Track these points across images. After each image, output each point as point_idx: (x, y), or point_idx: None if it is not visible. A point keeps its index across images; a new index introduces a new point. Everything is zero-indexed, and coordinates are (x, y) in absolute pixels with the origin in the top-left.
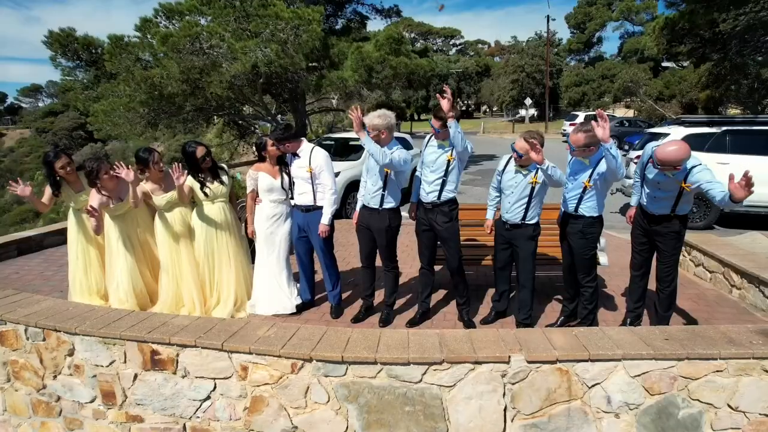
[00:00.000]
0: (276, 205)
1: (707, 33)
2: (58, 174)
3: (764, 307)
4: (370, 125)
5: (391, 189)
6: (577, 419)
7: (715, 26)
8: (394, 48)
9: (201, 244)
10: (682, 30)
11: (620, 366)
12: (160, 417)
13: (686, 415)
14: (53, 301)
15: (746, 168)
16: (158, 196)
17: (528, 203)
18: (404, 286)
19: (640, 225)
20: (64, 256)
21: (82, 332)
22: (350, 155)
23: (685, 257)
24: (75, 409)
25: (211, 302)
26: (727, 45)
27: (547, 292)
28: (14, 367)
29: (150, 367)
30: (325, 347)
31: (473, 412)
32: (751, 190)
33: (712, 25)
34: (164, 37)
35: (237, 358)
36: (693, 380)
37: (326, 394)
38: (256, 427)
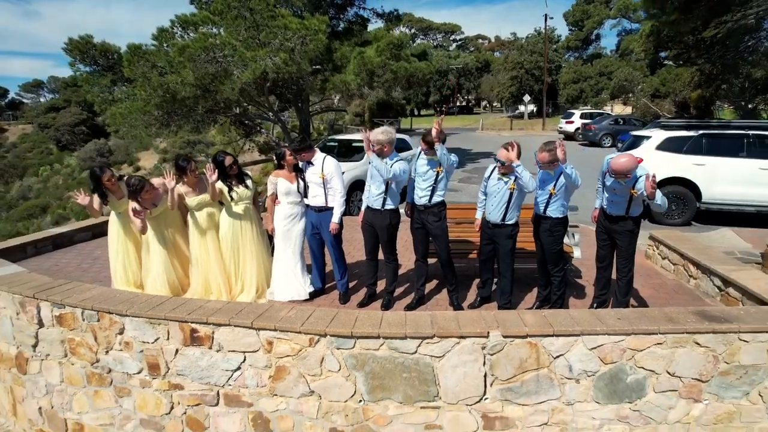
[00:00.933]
0: (292, 206)
1: (691, 39)
2: (105, 186)
3: (713, 294)
4: (375, 140)
5: (391, 193)
6: (545, 384)
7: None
8: (395, 53)
9: (228, 240)
10: (667, 37)
11: (579, 340)
12: (197, 385)
13: (633, 380)
14: (102, 289)
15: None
16: (191, 198)
17: (507, 206)
18: (402, 276)
19: (601, 224)
20: (95, 250)
21: (131, 314)
22: (354, 156)
23: (654, 251)
24: (124, 379)
25: (236, 290)
26: (710, 50)
27: (528, 282)
28: (71, 344)
29: (189, 343)
30: (336, 325)
31: (459, 378)
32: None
33: (695, 32)
34: (181, 48)
35: (263, 335)
36: (638, 351)
37: (338, 363)
38: (279, 392)
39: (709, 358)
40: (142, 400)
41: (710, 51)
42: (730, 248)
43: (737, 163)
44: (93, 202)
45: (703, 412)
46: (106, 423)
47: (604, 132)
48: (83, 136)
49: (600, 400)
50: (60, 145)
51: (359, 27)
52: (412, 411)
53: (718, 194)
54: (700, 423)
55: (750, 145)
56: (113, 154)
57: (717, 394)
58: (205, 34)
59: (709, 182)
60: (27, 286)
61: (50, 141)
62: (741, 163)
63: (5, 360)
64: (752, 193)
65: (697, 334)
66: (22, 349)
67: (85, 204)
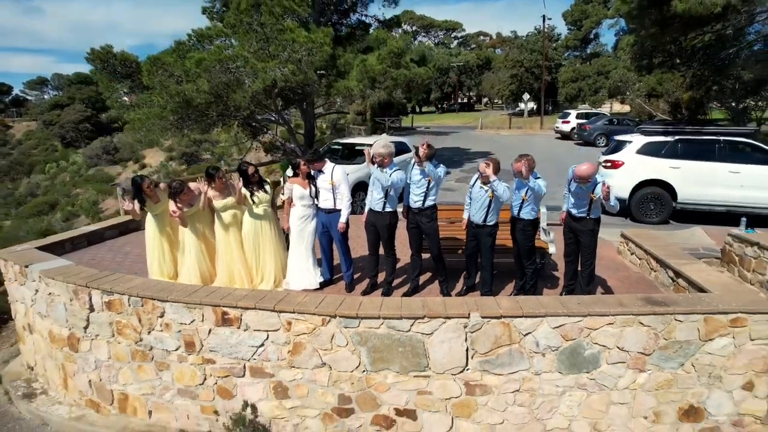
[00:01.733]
0: (305, 208)
1: (673, 48)
2: (144, 192)
3: (668, 284)
4: (377, 153)
5: (390, 198)
6: (516, 357)
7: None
8: (395, 61)
9: (250, 237)
10: (651, 46)
11: (545, 321)
12: (227, 359)
13: (589, 354)
14: (142, 279)
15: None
16: (218, 201)
17: (487, 210)
18: (400, 268)
19: (567, 224)
20: (125, 246)
21: (171, 300)
22: (356, 158)
23: (624, 247)
24: (164, 355)
25: (256, 281)
26: (692, 58)
27: (509, 274)
28: (118, 326)
29: (221, 324)
30: (344, 308)
31: (445, 351)
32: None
33: (676, 42)
34: (198, 61)
35: (284, 316)
36: (594, 330)
37: (345, 339)
38: (296, 364)
39: (651, 335)
40: (180, 372)
41: (692, 58)
42: (696, 245)
43: (709, 166)
44: (135, 206)
45: (646, 380)
46: (147, 393)
47: (599, 132)
48: (87, 133)
49: (562, 370)
50: (64, 142)
51: (361, 32)
52: (407, 379)
53: (692, 195)
54: (644, 389)
55: (721, 150)
56: (119, 151)
57: (658, 365)
58: (219, 47)
59: (683, 184)
60: (78, 276)
61: (55, 138)
62: (712, 166)
63: (57, 340)
64: (722, 194)
65: (641, 316)
66: (74, 331)
67: (130, 209)
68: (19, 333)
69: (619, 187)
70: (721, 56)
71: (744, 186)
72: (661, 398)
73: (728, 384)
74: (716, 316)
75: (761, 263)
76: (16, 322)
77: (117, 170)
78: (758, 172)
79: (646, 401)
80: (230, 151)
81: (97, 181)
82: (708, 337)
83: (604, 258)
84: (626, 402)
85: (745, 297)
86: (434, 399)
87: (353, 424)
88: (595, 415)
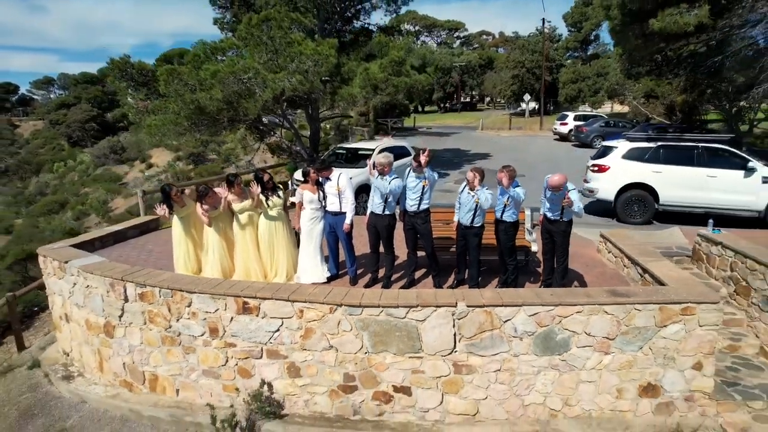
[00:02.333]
0: (314, 211)
1: (659, 58)
2: (172, 198)
3: (637, 279)
4: (378, 163)
5: (389, 203)
6: (497, 341)
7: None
8: (396, 69)
9: (265, 237)
10: (638, 56)
11: (521, 309)
12: (246, 343)
13: (561, 338)
14: (171, 273)
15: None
16: (237, 204)
17: (474, 214)
18: (398, 265)
19: (544, 226)
20: (147, 244)
21: (198, 291)
22: (359, 162)
23: (603, 246)
24: (190, 340)
25: (270, 275)
26: (678, 66)
27: (495, 270)
28: (150, 314)
29: (242, 312)
30: (349, 298)
31: (436, 335)
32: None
33: (661, 52)
34: (213, 72)
35: (296, 305)
36: (564, 318)
37: (350, 325)
38: (307, 347)
39: (614, 322)
40: (204, 355)
41: (679, 66)
42: (671, 244)
43: (688, 171)
44: (165, 210)
45: (611, 361)
46: (175, 373)
47: (595, 134)
48: (93, 132)
49: (537, 353)
50: (71, 141)
51: (364, 38)
52: (403, 360)
53: (672, 197)
54: (608, 369)
55: (699, 156)
56: (126, 151)
57: (620, 348)
58: (233, 60)
59: (665, 187)
60: (114, 271)
61: (62, 137)
62: (691, 171)
63: (94, 328)
64: (700, 196)
65: (605, 305)
66: (110, 319)
67: (161, 214)
68: (55, 322)
69: (605, 190)
70: (707, 63)
71: (720, 189)
72: (623, 377)
73: (680, 364)
74: (669, 306)
75: (724, 260)
76: (53, 312)
77: (124, 169)
78: (733, 177)
79: (611, 380)
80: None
81: (105, 180)
82: (663, 324)
83: (585, 256)
84: (593, 380)
85: (695, 289)
86: (426, 377)
87: (356, 400)
88: (566, 392)
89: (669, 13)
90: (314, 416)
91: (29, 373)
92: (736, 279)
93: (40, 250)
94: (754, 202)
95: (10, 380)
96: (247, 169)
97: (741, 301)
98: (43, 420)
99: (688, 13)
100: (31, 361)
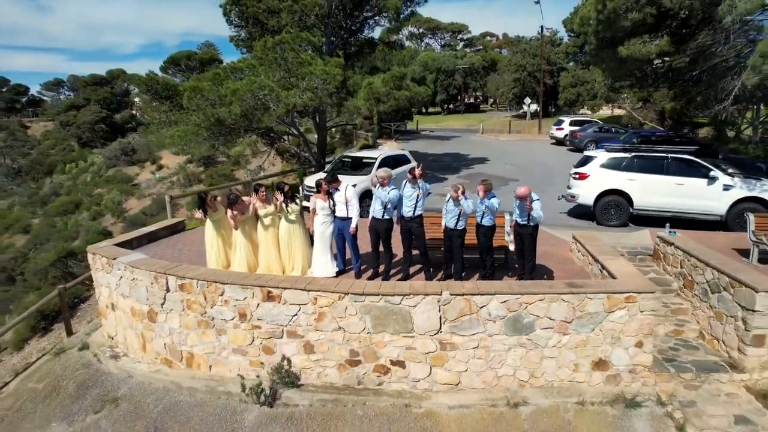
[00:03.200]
0: (325, 216)
1: (639, 74)
2: (207, 204)
3: (597, 274)
4: (379, 176)
5: (388, 209)
6: (475, 323)
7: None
8: (397, 84)
9: (285, 237)
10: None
11: (495, 297)
12: (270, 326)
13: (527, 321)
14: (205, 268)
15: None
16: (261, 210)
17: (457, 219)
18: (396, 262)
19: (515, 229)
20: (177, 243)
21: (230, 282)
22: (363, 170)
23: (575, 247)
24: (222, 324)
25: (288, 270)
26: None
27: (476, 266)
28: (188, 302)
29: (266, 300)
30: (354, 288)
31: (425, 318)
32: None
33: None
34: (234, 90)
35: (312, 294)
36: (530, 304)
37: (355, 310)
38: (320, 328)
39: (571, 308)
40: (234, 336)
41: (658, 81)
42: (637, 245)
43: (659, 179)
44: (201, 214)
45: (568, 341)
46: (209, 352)
47: (589, 139)
48: (102, 133)
49: (508, 333)
50: (81, 142)
51: (368, 49)
52: (398, 338)
53: (645, 203)
54: (567, 347)
55: (669, 165)
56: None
57: (576, 330)
58: (251, 79)
59: (638, 193)
60: (157, 266)
61: (72, 138)
62: (661, 179)
63: (138, 314)
64: (670, 202)
65: (563, 294)
66: (153, 307)
67: (199, 217)
68: (101, 310)
69: (585, 196)
70: (686, 77)
71: (687, 195)
72: (578, 354)
73: (625, 343)
74: (615, 295)
75: (676, 259)
76: (100, 302)
77: (135, 171)
78: (698, 184)
79: (568, 356)
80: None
81: (117, 181)
82: (610, 310)
83: (559, 255)
84: (554, 356)
85: (637, 281)
86: (417, 353)
87: (360, 372)
88: (532, 366)
89: (634, 42)
90: (325, 386)
91: (80, 354)
92: (684, 274)
93: (90, 249)
94: (716, 207)
95: (64, 360)
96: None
97: (687, 293)
98: (98, 390)
99: (651, 43)
100: (80, 343)
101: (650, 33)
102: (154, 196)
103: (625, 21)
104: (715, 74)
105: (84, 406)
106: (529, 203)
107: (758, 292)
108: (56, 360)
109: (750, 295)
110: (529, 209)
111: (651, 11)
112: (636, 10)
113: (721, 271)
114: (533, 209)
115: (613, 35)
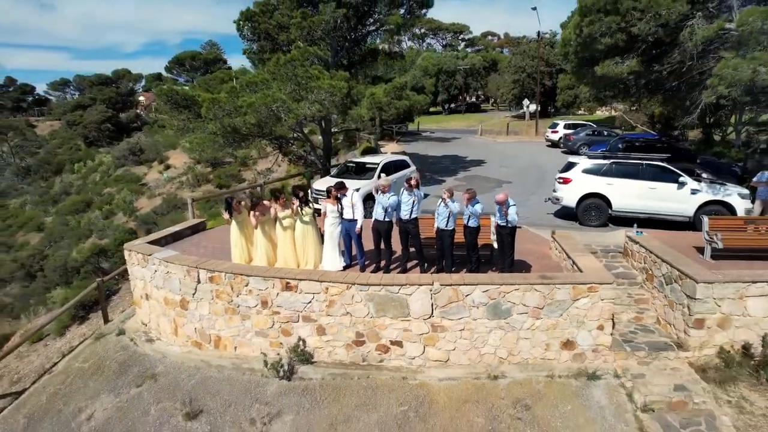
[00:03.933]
0: (334, 218)
1: (621, 86)
2: (233, 207)
3: (569, 269)
4: (380, 185)
5: (388, 212)
6: (461, 308)
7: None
8: (398, 94)
9: (300, 236)
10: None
11: (478, 287)
12: (288, 311)
13: (505, 308)
14: (231, 263)
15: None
16: (281, 213)
17: (447, 220)
18: (395, 258)
19: (497, 230)
20: (201, 241)
21: (254, 275)
22: (366, 174)
23: (553, 244)
24: (247, 310)
25: (302, 264)
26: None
27: (464, 262)
28: (216, 292)
29: (285, 289)
30: (360, 279)
31: (420, 305)
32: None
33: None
34: (250, 103)
35: (324, 284)
36: (507, 293)
37: (360, 297)
38: (330, 313)
39: (542, 297)
40: (257, 320)
41: (640, 91)
42: (610, 243)
43: (634, 183)
44: (227, 216)
45: (540, 324)
46: (234, 334)
47: (582, 142)
48: (108, 133)
49: (489, 318)
50: (87, 142)
51: (371, 58)
52: (397, 322)
53: (622, 205)
54: (539, 330)
55: (643, 171)
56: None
57: (547, 315)
58: (265, 93)
59: (616, 196)
60: (188, 261)
61: (78, 137)
62: (636, 183)
63: (171, 303)
64: (644, 204)
65: (536, 285)
66: (185, 296)
67: (226, 218)
68: (136, 300)
69: (568, 199)
70: (666, 87)
71: (659, 199)
72: (549, 335)
73: (588, 326)
74: (579, 286)
75: (640, 255)
76: (134, 293)
77: (143, 170)
78: (669, 189)
79: (541, 337)
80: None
81: (126, 181)
82: (575, 298)
83: (538, 252)
84: (529, 338)
85: (599, 274)
86: (413, 334)
87: (364, 351)
88: (510, 346)
89: (608, 63)
90: (335, 362)
91: (118, 338)
92: (647, 269)
93: (126, 246)
94: (685, 209)
95: (104, 343)
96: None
97: (648, 285)
98: (138, 369)
99: (622, 64)
100: (117, 330)
101: (622, 55)
102: (164, 195)
103: (599, 45)
104: (690, 87)
105: (127, 381)
106: (506, 208)
107: (698, 282)
108: (97, 344)
109: (692, 286)
110: (505, 212)
111: (622, 37)
112: (608, 35)
113: (672, 265)
114: (509, 213)
115: (591, 55)
